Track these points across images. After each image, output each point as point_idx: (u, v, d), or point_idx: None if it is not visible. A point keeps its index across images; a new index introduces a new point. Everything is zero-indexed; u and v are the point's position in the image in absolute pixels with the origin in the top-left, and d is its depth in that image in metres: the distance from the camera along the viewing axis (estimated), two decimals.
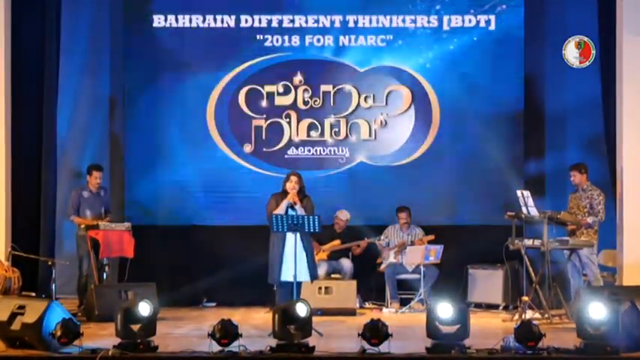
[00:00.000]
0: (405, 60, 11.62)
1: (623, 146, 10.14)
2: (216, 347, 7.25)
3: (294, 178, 9.13)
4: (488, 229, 10.91)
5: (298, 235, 8.92)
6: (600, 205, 9.82)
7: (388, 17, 11.60)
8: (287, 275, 8.91)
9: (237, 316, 9.31)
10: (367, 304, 11.05)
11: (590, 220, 9.77)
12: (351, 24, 11.63)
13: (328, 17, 11.63)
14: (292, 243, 8.91)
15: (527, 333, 7.22)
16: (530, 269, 9.87)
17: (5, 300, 8.12)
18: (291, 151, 11.64)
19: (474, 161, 11.51)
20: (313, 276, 9.11)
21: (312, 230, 8.91)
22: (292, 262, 8.84)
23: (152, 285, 9.83)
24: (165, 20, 11.62)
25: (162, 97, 11.63)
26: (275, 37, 11.63)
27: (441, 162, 11.59)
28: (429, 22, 11.61)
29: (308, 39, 11.65)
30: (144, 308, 7.40)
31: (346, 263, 11.09)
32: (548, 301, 9.64)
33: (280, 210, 9.01)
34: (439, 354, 7.26)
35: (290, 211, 8.99)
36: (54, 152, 11.35)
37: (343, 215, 11.30)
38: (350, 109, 11.66)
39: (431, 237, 11.08)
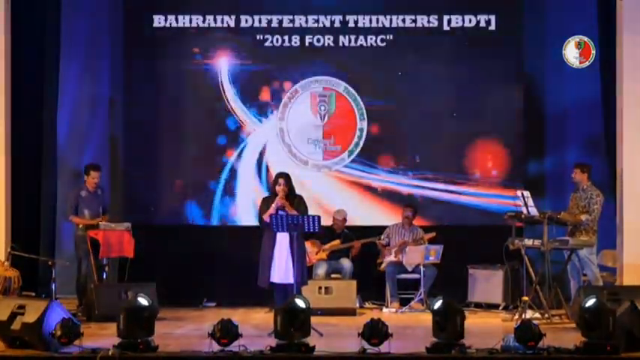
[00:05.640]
0: (404, 61, 11.62)
1: (623, 146, 10.13)
2: (216, 347, 7.24)
3: (281, 181, 9.03)
4: (488, 229, 10.91)
5: (289, 237, 8.84)
6: (596, 205, 9.82)
7: (388, 17, 11.60)
8: (275, 277, 8.87)
9: (237, 315, 9.29)
10: (367, 304, 11.05)
11: (583, 217, 9.77)
12: (351, 24, 11.63)
13: (328, 17, 11.63)
14: (283, 245, 8.86)
15: (527, 333, 7.20)
16: (530, 269, 9.86)
17: (5, 300, 8.12)
18: None
19: (474, 161, 11.50)
20: (300, 282, 9.00)
21: (311, 230, 8.86)
22: (282, 264, 8.80)
23: (152, 285, 9.82)
24: (166, 20, 11.61)
25: (162, 98, 11.63)
26: (275, 37, 11.63)
27: (441, 162, 11.58)
28: (429, 22, 11.60)
29: (308, 39, 11.64)
30: (145, 303, 7.39)
31: (346, 263, 11.08)
32: (548, 301, 9.63)
33: (271, 212, 8.97)
34: (439, 354, 7.25)
35: (280, 213, 8.94)
36: (54, 152, 11.36)
37: (340, 214, 11.28)
38: None
39: (432, 234, 11.08)
